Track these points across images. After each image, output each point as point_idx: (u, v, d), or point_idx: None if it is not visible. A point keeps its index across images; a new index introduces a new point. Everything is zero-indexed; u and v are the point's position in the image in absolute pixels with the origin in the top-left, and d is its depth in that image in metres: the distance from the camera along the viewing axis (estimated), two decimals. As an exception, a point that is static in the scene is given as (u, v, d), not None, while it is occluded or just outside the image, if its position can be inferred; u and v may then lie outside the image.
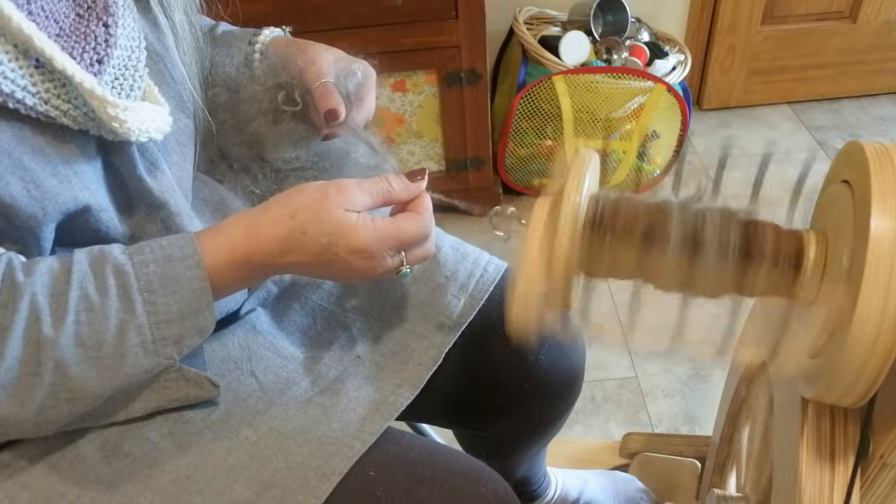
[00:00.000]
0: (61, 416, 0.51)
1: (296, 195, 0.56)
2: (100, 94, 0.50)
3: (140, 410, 0.58)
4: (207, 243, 0.54)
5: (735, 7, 2.02)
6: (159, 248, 0.53)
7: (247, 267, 0.55)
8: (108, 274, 0.50)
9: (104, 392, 0.52)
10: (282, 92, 0.68)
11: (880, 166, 0.43)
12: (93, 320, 0.49)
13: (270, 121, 0.69)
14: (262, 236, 0.55)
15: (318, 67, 0.67)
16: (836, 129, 2.14)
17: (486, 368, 0.77)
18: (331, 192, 0.55)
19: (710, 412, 1.35)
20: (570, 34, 1.73)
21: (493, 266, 0.77)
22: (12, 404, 0.48)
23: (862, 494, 0.52)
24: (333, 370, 0.68)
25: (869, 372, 0.43)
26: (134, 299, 0.50)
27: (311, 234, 0.54)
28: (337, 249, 0.55)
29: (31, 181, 0.49)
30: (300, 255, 0.55)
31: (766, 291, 0.49)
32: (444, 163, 1.75)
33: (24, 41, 0.47)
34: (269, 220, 0.55)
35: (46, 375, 0.48)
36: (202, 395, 0.59)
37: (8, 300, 0.47)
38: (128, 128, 0.53)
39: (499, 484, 0.64)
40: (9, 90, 0.47)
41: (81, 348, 0.49)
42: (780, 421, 0.60)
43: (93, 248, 0.52)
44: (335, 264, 0.56)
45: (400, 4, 1.44)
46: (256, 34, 0.71)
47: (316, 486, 0.57)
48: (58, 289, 0.49)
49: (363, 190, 0.57)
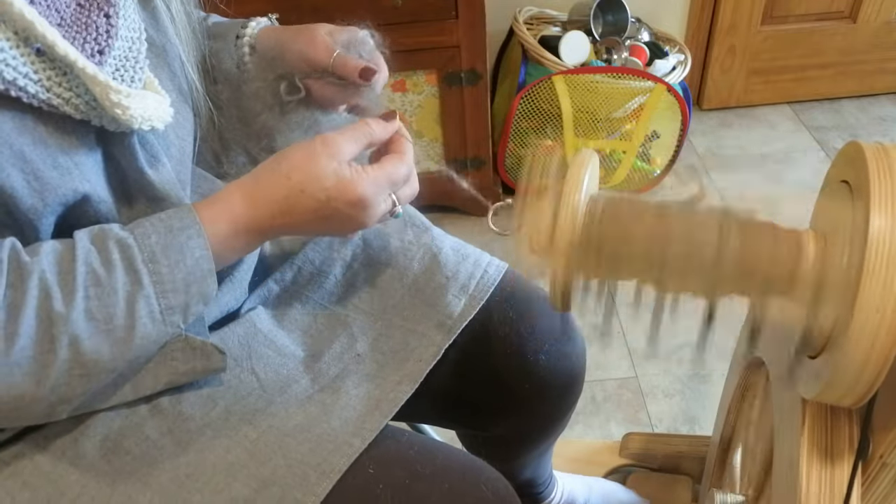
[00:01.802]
0: (75, 394, 0.51)
1: (284, 158, 0.57)
2: (102, 81, 0.50)
3: (149, 387, 0.58)
4: (206, 213, 0.55)
5: (735, 7, 2.02)
6: (159, 221, 0.53)
7: (247, 233, 0.56)
8: (112, 248, 0.51)
9: (116, 366, 0.52)
10: (283, 83, 0.68)
11: (879, 167, 0.43)
12: (101, 294, 0.50)
13: (277, 113, 0.69)
14: (261, 200, 0.56)
15: (321, 44, 0.67)
16: (836, 129, 2.14)
17: (486, 369, 0.77)
18: (318, 148, 0.56)
19: (710, 412, 1.35)
20: (570, 34, 1.73)
21: (494, 267, 0.77)
22: (28, 382, 0.48)
23: (862, 494, 0.52)
24: (333, 368, 0.68)
25: (869, 372, 0.43)
26: (139, 270, 0.51)
27: (310, 192, 0.56)
28: (336, 203, 0.56)
29: (31, 172, 0.49)
30: (300, 213, 0.56)
31: (766, 292, 0.49)
32: (444, 163, 1.75)
33: (26, 28, 0.47)
34: (266, 184, 0.56)
35: (61, 352, 0.48)
36: (209, 365, 0.59)
37: (17, 280, 0.47)
38: (130, 115, 0.52)
39: (499, 482, 0.64)
40: (11, 78, 0.47)
41: (93, 322, 0.49)
42: (780, 421, 0.60)
43: (92, 227, 0.53)
44: (334, 218, 0.57)
45: (400, 4, 1.44)
46: (244, 26, 0.71)
47: (315, 484, 0.57)
48: (64, 266, 0.49)
49: (347, 138, 0.58)
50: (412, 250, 0.76)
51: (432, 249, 0.76)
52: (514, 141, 1.81)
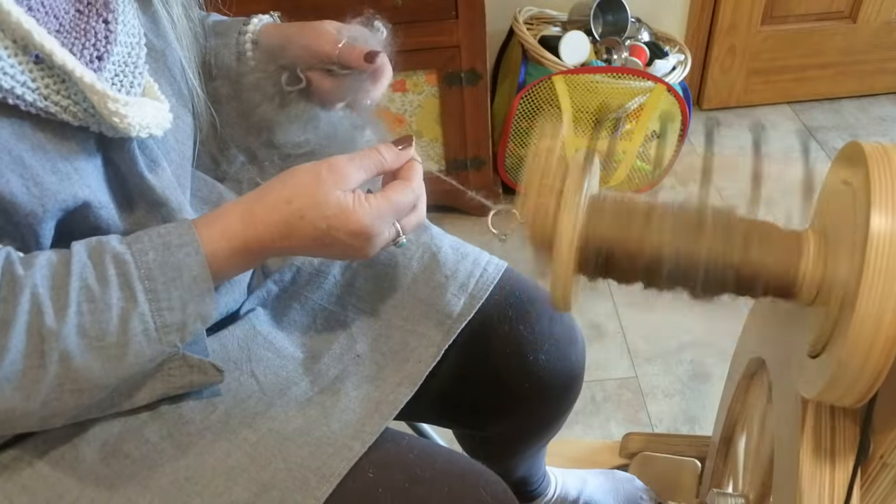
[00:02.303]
0: (67, 408, 0.51)
1: (289, 179, 0.56)
2: (100, 89, 0.50)
3: (145, 399, 0.58)
4: (205, 231, 0.54)
5: (735, 7, 2.02)
6: (157, 237, 0.53)
7: (246, 253, 0.55)
8: (108, 263, 0.50)
9: (109, 382, 0.52)
10: (284, 73, 0.68)
11: (879, 166, 0.43)
12: (94, 310, 0.49)
13: (277, 104, 0.69)
14: (260, 223, 0.55)
15: (327, 36, 0.66)
16: (836, 129, 2.14)
17: (486, 368, 0.77)
18: (323, 174, 0.55)
19: (710, 412, 1.34)
20: (570, 34, 1.73)
21: (493, 266, 0.77)
22: (17, 398, 0.48)
23: (862, 494, 0.51)
24: (333, 369, 0.68)
25: (869, 372, 0.43)
26: (135, 288, 0.50)
27: (310, 219, 0.55)
28: (337, 233, 0.55)
29: (30, 178, 0.49)
30: (299, 239, 0.55)
31: (765, 292, 0.49)
32: (444, 163, 1.75)
33: (24, 36, 0.47)
34: (266, 207, 0.55)
35: (51, 367, 0.48)
36: (206, 380, 0.59)
37: (9, 294, 0.47)
38: (128, 123, 0.52)
39: (498, 486, 0.64)
40: (8, 86, 0.47)
41: (84, 339, 0.49)
42: (780, 421, 0.60)
43: (90, 240, 0.52)
44: (335, 247, 0.56)
45: (400, 4, 1.44)
46: (246, 23, 0.71)
47: (315, 488, 0.57)
48: (58, 281, 0.49)
49: (356, 166, 0.57)
50: (411, 249, 0.76)
51: (431, 248, 0.76)
52: (514, 141, 1.81)
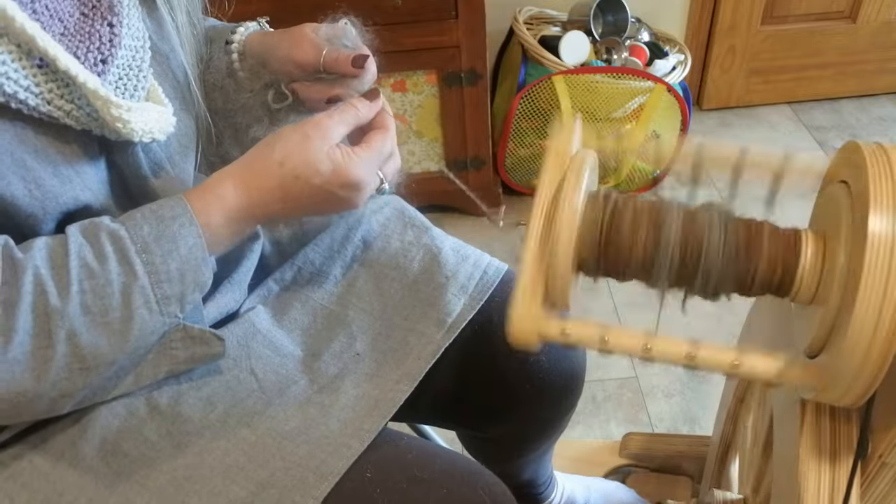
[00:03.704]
0: (76, 388, 0.51)
1: (276, 142, 0.57)
2: (103, 95, 0.50)
3: (149, 377, 0.58)
4: (197, 202, 0.55)
5: (735, 7, 2.02)
6: (150, 212, 0.53)
7: (241, 220, 0.56)
8: (104, 240, 0.51)
9: (115, 358, 0.52)
10: (270, 91, 0.68)
11: (878, 167, 0.43)
12: (96, 287, 0.50)
13: (267, 125, 0.70)
14: (254, 189, 0.56)
15: (308, 43, 0.67)
16: (836, 129, 2.14)
17: (487, 369, 0.77)
18: (309, 132, 0.57)
19: (710, 412, 1.35)
20: (570, 34, 1.73)
21: (494, 268, 0.77)
22: (28, 378, 0.48)
23: (861, 494, 0.52)
24: (333, 367, 0.68)
25: (867, 372, 0.43)
26: (133, 261, 0.51)
27: (304, 178, 0.56)
28: (331, 188, 0.57)
29: (32, 181, 0.49)
30: (294, 199, 0.57)
31: (764, 291, 0.49)
32: (444, 163, 1.75)
33: (28, 42, 0.47)
34: (258, 172, 0.56)
35: (59, 346, 0.48)
36: (208, 351, 0.59)
37: (11, 276, 0.47)
38: (131, 128, 0.53)
39: (497, 487, 0.64)
40: (11, 91, 0.47)
41: (89, 316, 0.49)
42: (780, 421, 0.60)
43: (83, 221, 0.53)
44: (329, 202, 0.59)
45: (400, 4, 1.44)
46: (233, 31, 0.71)
47: (314, 487, 0.57)
48: (57, 261, 0.49)
49: (336, 121, 0.59)
50: (412, 251, 0.76)
51: (432, 250, 0.76)
52: (514, 141, 1.81)
